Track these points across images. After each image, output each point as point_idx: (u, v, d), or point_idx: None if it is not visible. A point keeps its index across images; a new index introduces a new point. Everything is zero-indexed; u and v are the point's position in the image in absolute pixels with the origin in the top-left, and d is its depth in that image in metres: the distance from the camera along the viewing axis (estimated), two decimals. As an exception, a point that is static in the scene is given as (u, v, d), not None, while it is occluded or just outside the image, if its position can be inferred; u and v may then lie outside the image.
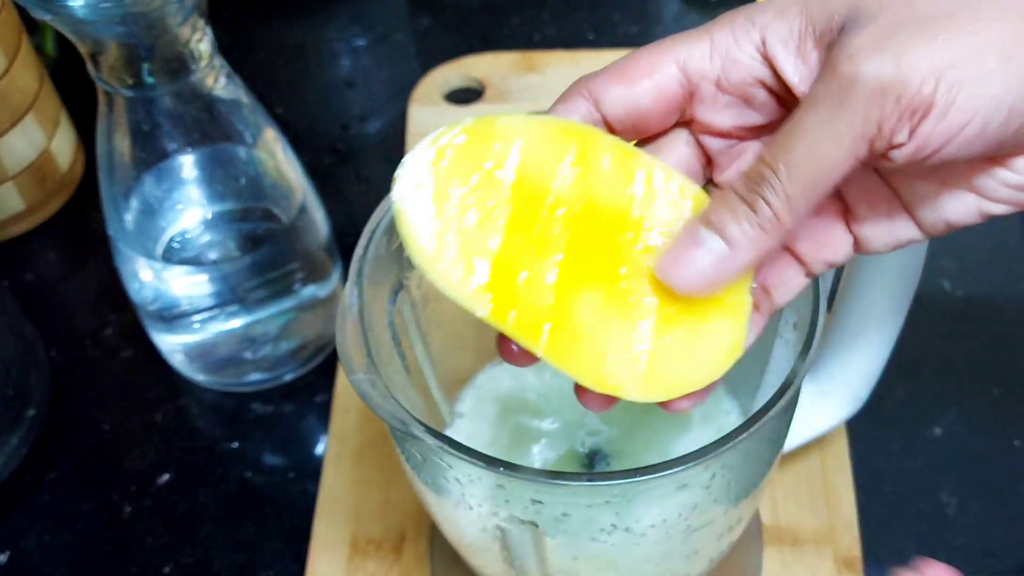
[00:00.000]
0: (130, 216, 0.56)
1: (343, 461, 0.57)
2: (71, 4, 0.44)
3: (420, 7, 0.83)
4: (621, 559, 0.41)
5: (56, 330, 0.65)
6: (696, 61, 0.34)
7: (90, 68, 0.49)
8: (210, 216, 0.58)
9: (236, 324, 0.58)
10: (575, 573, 0.42)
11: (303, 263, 0.57)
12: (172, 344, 0.60)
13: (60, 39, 0.74)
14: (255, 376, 0.61)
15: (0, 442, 0.56)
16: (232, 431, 0.60)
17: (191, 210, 0.57)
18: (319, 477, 0.57)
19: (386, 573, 0.54)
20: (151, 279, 0.56)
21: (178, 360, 0.61)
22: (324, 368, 0.62)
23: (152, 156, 0.54)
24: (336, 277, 0.61)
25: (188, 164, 0.56)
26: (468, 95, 0.75)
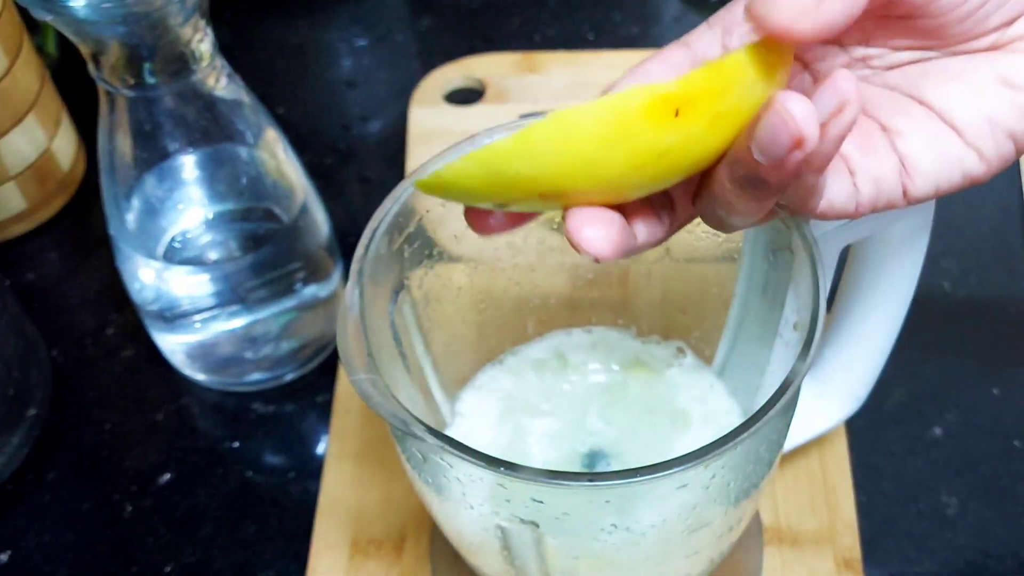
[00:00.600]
0: (131, 216, 0.56)
1: (344, 461, 0.57)
2: (72, 4, 0.44)
3: (421, 8, 0.83)
4: (621, 559, 0.41)
5: (57, 330, 0.65)
6: (697, 37, 0.34)
7: (91, 68, 0.49)
8: (211, 216, 0.58)
9: (237, 324, 0.58)
10: (575, 572, 0.42)
11: (304, 263, 0.58)
12: (173, 344, 0.60)
13: (61, 39, 0.74)
14: (256, 376, 0.61)
15: (1, 441, 0.57)
16: (233, 431, 0.60)
17: (192, 210, 0.57)
18: (320, 477, 0.57)
19: (387, 573, 0.54)
20: (152, 279, 0.56)
21: (179, 360, 0.61)
22: (325, 368, 0.62)
23: (153, 156, 0.54)
24: (337, 277, 0.61)
25: (189, 164, 0.56)
26: (469, 95, 0.75)
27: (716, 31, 0.34)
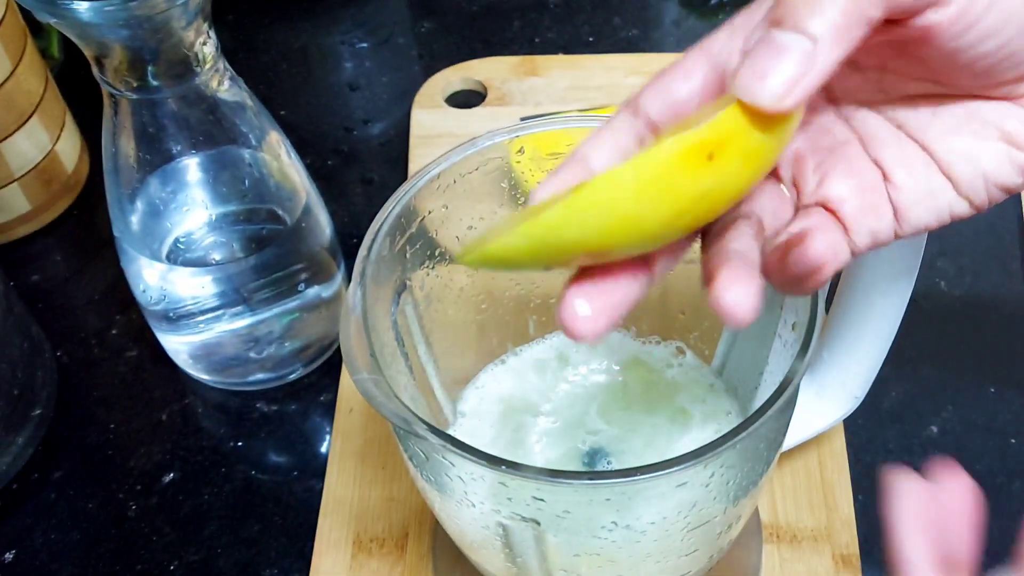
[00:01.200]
0: (135, 217, 0.56)
1: (347, 460, 0.58)
2: (76, 7, 0.44)
3: (422, 11, 0.83)
4: (621, 556, 0.41)
5: (62, 330, 0.65)
6: (718, 43, 0.34)
7: (95, 71, 0.49)
8: (214, 217, 0.58)
9: (241, 324, 0.58)
10: (576, 570, 0.42)
11: (307, 264, 0.58)
12: (177, 344, 0.60)
13: (65, 42, 0.75)
14: (260, 376, 0.61)
15: (7, 441, 0.57)
16: (237, 430, 0.61)
17: (196, 212, 0.58)
18: (323, 476, 0.57)
19: (389, 570, 0.54)
20: (156, 280, 0.57)
21: (183, 360, 0.61)
22: (328, 368, 0.62)
23: (157, 158, 0.54)
24: (340, 278, 0.61)
25: (193, 166, 0.56)
26: (470, 98, 0.75)
27: (737, 37, 0.34)
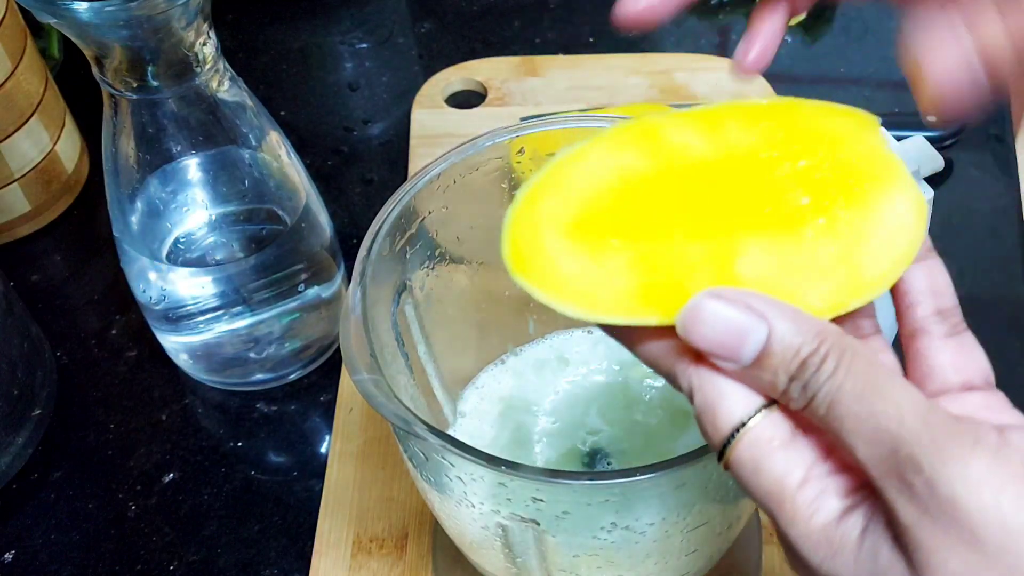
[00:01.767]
0: (135, 218, 0.56)
1: (347, 460, 0.58)
2: (76, 8, 0.44)
3: (422, 11, 0.83)
4: (621, 557, 0.41)
5: (62, 330, 0.65)
6: None
7: (95, 71, 0.49)
8: (214, 218, 0.58)
9: (241, 325, 0.58)
10: (576, 570, 0.42)
11: (307, 264, 0.58)
12: (177, 344, 0.60)
13: (65, 42, 0.75)
14: (260, 376, 0.61)
15: (6, 441, 0.57)
16: (237, 430, 0.61)
17: (196, 212, 0.58)
18: (323, 476, 0.57)
19: (389, 570, 0.54)
20: (156, 280, 0.57)
21: (183, 360, 0.61)
22: (328, 368, 0.62)
23: (157, 158, 0.54)
24: (340, 278, 0.61)
25: (193, 166, 0.56)
26: (470, 98, 0.75)
27: None
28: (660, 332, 0.31)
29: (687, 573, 0.45)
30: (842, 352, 0.29)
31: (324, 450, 0.59)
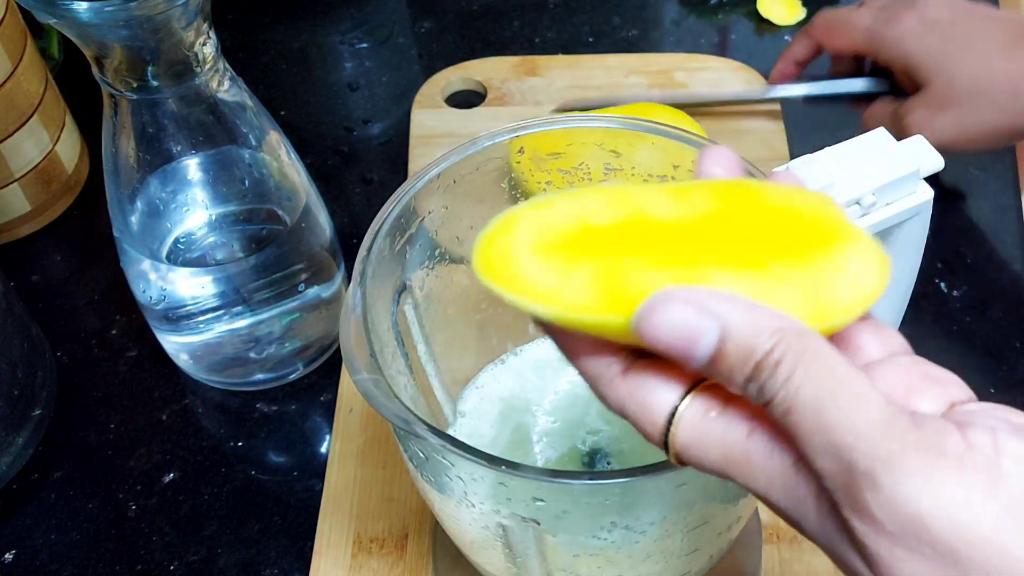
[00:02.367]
0: (135, 218, 0.56)
1: (347, 460, 0.58)
2: (76, 7, 0.44)
3: (422, 11, 0.83)
4: (621, 556, 0.41)
5: (62, 331, 0.65)
6: None
7: (95, 71, 0.49)
8: (214, 218, 0.58)
9: (241, 324, 0.58)
10: (576, 570, 0.42)
11: (307, 264, 0.58)
12: (177, 344, 0.60)
13: (65, 42, 0.75)
14: (260, 376, 0.61)
15: (7, 441, 0.57)
16: (237, 430, 0.61)
17: (196, 212, 0.58)
18: (323, 476, 0.57)
19: (389, 570, 0.54)
20: (156, 280, 0.57)
21: (183, 360, 0.61)
22: (328, 368, 0.62)
23: (157, 158, 0.54)
24: (340, 278, 0.61)
25: (193, 166, 0.56)
26: (470, 98, 0.75)
27: None
28: (599, 347, 0.32)
29: (687, 573, 0.45)
30: (800, 354, 0.28)
31: (324, 450, 0.59)
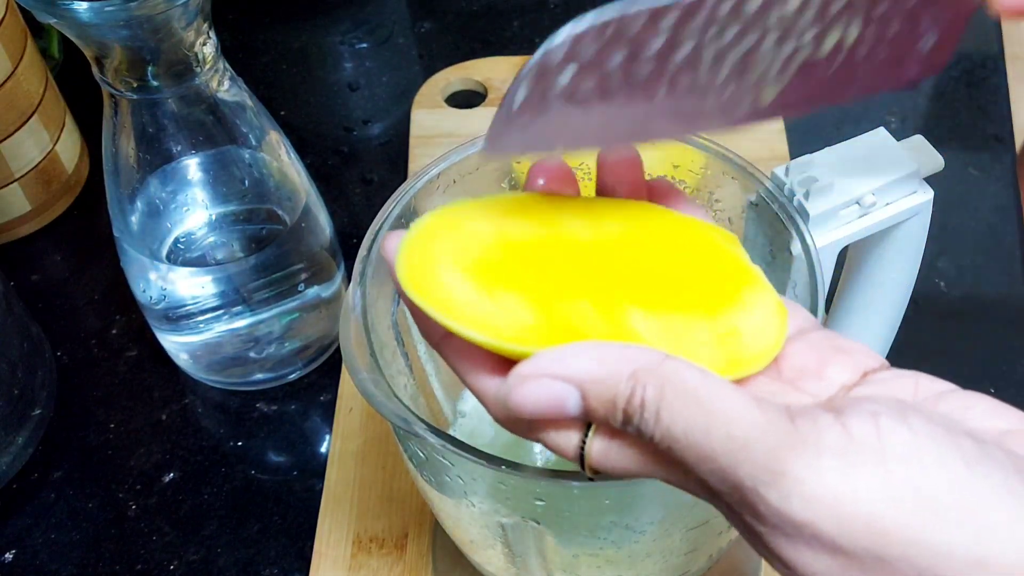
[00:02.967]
0: (135, 218, 0.56)
1: (347, 459, 0.58)
2: (76, 7, 0.44)
3: (422, 11, 0.83)
4: (621, 556, 0.41)
5: (62, 330, 0.65)
6: None
7: (95, 71, 0.49)
8: (214, 218, 0.58)
9: (241, 324, 0.58)
10: (576, 569, 0.42)
11: (307, 264, 0.58)
12: (177, 344, 0.60)
13: (65, 42, 0.75)
14: (260, 376, 0.61)
15: (6, 441, 0.57)
16: (237, 430, 0.61)
17: (196, 212, 0.58)
18: (323, 476, 0.57)
19: (389, 570, 0.54)
20: (156, 280, 0.57)
21: (183, 360, 0.61)
22: (328, 367, 0.62)
23: (157, 158, 0.54)
24: (340, 278, 0.61)
25: (193, 166, 0.56)
26: (470, 98, 0.75)
27: None
28: (502, 367, 0.31)
29: (687, 572, 0.45)
30: (659, 390, 0.28)
31: (324, 450, 0.59)
